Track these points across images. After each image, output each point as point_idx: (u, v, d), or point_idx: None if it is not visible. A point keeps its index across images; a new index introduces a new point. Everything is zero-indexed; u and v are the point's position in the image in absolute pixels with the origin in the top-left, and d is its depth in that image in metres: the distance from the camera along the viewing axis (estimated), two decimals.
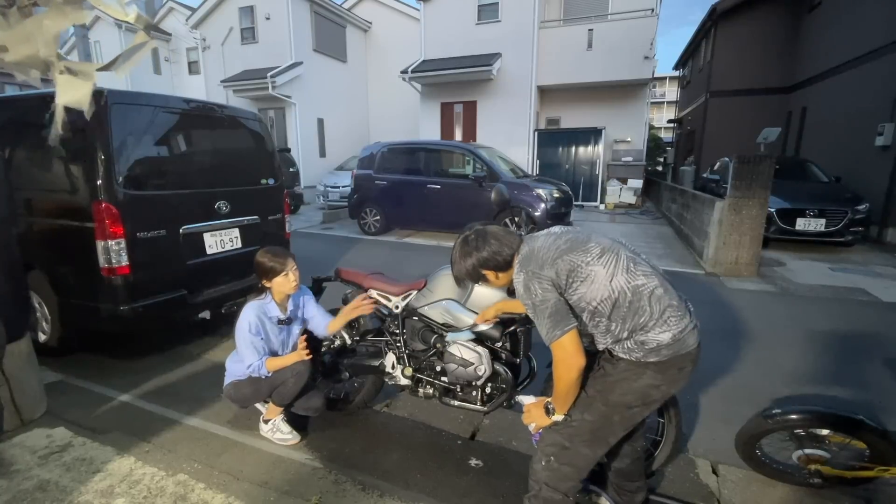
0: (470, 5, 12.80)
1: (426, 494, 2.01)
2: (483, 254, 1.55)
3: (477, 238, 1.58)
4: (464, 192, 7.63)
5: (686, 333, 1.41)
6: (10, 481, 2.00)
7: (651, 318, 1.38)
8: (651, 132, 19.62)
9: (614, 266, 1.41)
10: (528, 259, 1.47)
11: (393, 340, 2.46)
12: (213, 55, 15.26)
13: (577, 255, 1.43)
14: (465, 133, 13.63)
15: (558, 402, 1.51)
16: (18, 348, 2.43)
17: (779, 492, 2.04)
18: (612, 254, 1.43)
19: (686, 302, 1.50)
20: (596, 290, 1.40)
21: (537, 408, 1.59)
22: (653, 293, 1.40)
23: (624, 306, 1.39)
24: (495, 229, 1.60)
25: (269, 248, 2.26)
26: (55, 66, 1.66)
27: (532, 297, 1.42)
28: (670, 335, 1.38)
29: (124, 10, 1.68)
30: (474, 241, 1.58)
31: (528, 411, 1.62)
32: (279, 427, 2.36)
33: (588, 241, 1.47)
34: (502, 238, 1.56)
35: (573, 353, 1.39)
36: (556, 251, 1.44)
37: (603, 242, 1.47)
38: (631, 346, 1.41)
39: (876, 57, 8.51)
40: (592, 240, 1.48)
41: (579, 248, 1.44)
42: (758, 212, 5.43)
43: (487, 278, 1.61)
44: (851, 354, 3.50)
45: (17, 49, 1.62)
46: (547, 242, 1.48)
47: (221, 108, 3.67)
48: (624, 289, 1.39)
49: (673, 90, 34.99)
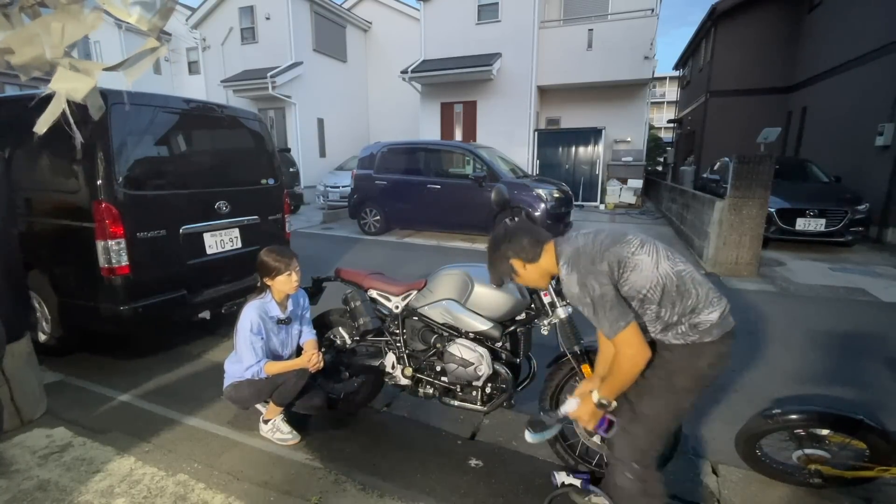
0: (470, 5, 12.80)
1: (426, 494, 2.01)
2: (512, 244, 1.61)
3: (505, 232, 1.65)
4: (464, 192, 7.63)
5: (727, 311, 1.48)
6: (10, 481, 2.00)
7: (699, 301, 1.44)
8: (651, 132, 19.64)
9: (656, 254, 1.47)
10: (577, 257, 1.49)
11: (393, 340, 2.46)
12: (213, 55, 15.26)
13: (620, 247, 1.47)
14: (465, 133, 13.63)
15: (613, 393, 1.52)
16: (18, 348, 2.43)
17: (779, 492, 2.04)
18: (651, 244, 1.50)
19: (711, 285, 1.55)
20: (645, 277, 1.44)
21: (586, 406, 1.59)
22: (693, 277, 1.47)
23: (672, 291, 1.43)
24: (528, 226, 1.68)
25: (274, 246, 2.27)
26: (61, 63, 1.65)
27: (591, 292, 1.43)
28: (718, 314, 1.44)
29: (127, 11, 1.67)
30: (504, 233, 1.65)
31: (579, 416, 1.62)
32: (279, 427, 2.36)
33: (626, 234, 1.53)
34: (532, 234, 1.62)
35: (639, 345, 1.42)
36: (602, 246, 1.48)
37: (639, 235, 1.53)
38: (685, 329, 1.44)
39: (876, 57, 8.51)
40: (629, 233, 1.54)
41: (620, 240, 1.49)
42: (758, 212, 5.43)
43: (517, 271, 1.64)
44: (851, 354, 3.50)
45: (23, 51, 1.61)
46: (588, 240, 1.52)
47: (221, 108, 3.67)
48: (669, 274, 1.44)
49: (673, 90, 34.98)
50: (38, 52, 1.62)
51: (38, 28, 1.62)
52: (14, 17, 1.67)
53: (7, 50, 1.61)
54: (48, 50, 1.62)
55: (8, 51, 1.61)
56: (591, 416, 1.58)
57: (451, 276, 2.30)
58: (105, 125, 2.72)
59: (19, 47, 1.60)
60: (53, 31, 1.60)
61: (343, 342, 2.57)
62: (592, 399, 1.56)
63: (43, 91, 1.72)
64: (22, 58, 1.62)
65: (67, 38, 1.62)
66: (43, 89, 2.70)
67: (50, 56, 1.63)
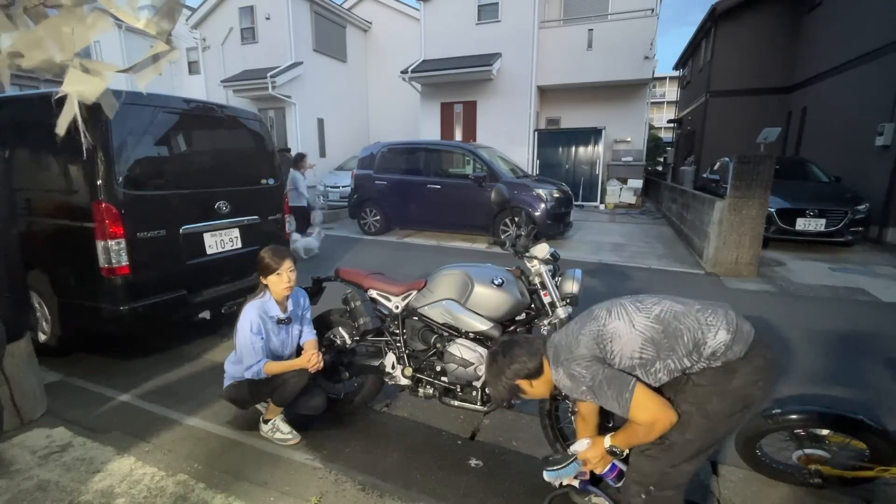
0: (470, 5, 12.79)
1: (426, 494, 2.01)
2: (514, 366, 1.57)
3: (504, 353, 1.60)
4: (464, 192, 7.63)
5: (735, 322, 1.39)
6: (10, 481, 2.00)
7: (696, 330, 1.37)
8: (651, 132, 19.64)
9: (626, 314, 1.45)
10: (557, 353, 1.50)
11: (393, 340, 2.46)
12: (213, 55, 15.25)
13: (591, 325, 1.48)
14: (465, 133, 13.63)
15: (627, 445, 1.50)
16: (18, 348, 2.43)
17: (779, 492, 2.04)
18: (618, 306, 1.48)
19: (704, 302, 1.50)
20: (628, 341, 1.41)
21: (596, 450, 1.57)
22: (674, 312, 1.41)
23: (662, 340, 1.38)
24: (519, 339, 1.65)
25: (274, 246, 2.29)
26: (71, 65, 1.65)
27: (582, 380, 1.41)
28: (724, 331, 1.36)
29: (136, 15, 1.66)
30: (502, 359, 1.60)
31: (587, 459, 1.59)
32: (279, 427, 2.36)
33: (592, 311, 1.54)
34: (527, 347, 1.59)
35: (655, 409, 1.36)
36: (574, 333, 1.49)
37: (604, 305, 1.54)
38: (704, 364, 1.38)
39: (876, 57, 8.51)
40: (594, 309, 1.55)
41: (589, 319, 1.50)
42: (758, 212, 5.43)
43: (524, 389, 1.60)
44: (851, 354, 3.50)
45: (32, 55, 1.61)
46: (562, 334, 1.56)
47: (221, 108, 3.67)
48: (648, 324, 1.40)
49: (673, 90, 34.98)
50: (47, 56, 1.62)
51: (45, 31, 1.61)
52: (17, 18, 1.67)
53: (16, 53, 1.61)
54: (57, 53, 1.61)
55: (17, 54, 1.61)
56: (600, 461, 1.56)
57: (451, 276, 2.30)
58: (105, 125, 2.72)
59: (27, 51, 1.60)
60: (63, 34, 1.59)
61: (343, 342, 2.58)
62: (604, 443, 1.53)
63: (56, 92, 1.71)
64: (31, 61, 1.62)
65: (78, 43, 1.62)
66: (43, 90, 2.71)
67: (59, 59, 1.62)
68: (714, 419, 1.38)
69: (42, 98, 3.01)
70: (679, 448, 1.43)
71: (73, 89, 1.62)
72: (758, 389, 1.38)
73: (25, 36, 1.61)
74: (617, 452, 1.52)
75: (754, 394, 1.38)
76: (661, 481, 1.47)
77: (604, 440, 1.54)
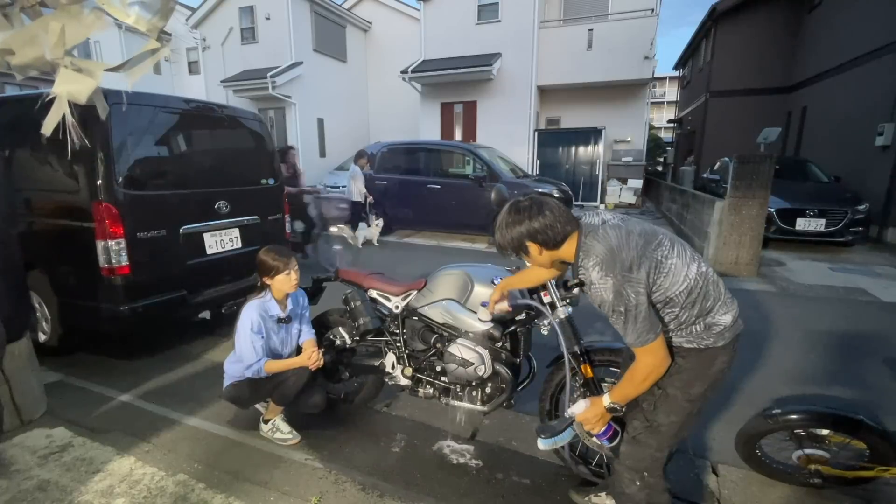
0: (470, 5, 12.79)
1: (426, 494, 2.01)
2: (535, 224, 1.39)
3: (532, 205, 1.42)
4: (464, 192, 7.63)
5: (738, 313, 1.45)
6: (10, 481, 2.00)
7: (716, 301, 1.40)
8: (651, 132, 19.64)
9: (686, 256, 1.40)
10: (612, 261, 1.32)
11: (393, 340, 2.46)
12: (213, 55, 15.24)
13: (654, 250, 1.37)
14: (465, 133, 13.63)
15: (625, 399, 1.46)
16: (18, 348, 2.43)
17: (779, 492, 2.04)
18: (680, 246, 1.42)
19: None
20: (675, 281, 1.37)
21: (595, 409, 1.50)
22: (713, 278, 1.43)
23: (696, 293, 1.38)
24: (553, 201, 1.45)
25: (273, 246, 2.28)
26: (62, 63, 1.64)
27: (626, 301, 1.31)
28: (731, 316, 1.42)
29: (126, 11, 1.67)
30: (528, 209, 1.41)
31: (586, 419, 1.52)
32: (279, 427, 2.36)
33: (656, 233, 1.42)
34: (559, 212, 1.41)
35: (664, 357, 1.38)
36: (637, 249, 1.34)
37: (666, 233, 1.46)
38: (699, 330, 1.41)
39: (876, 57, 8.51)
40: (659, 232, 1.44)
41: (653, 241, 1.38)
42: (758, 212, 5.43)
43: (529, 252, 1.45)
44: (851, 354, 3.50)
45: (24, 52, 1.61)
46: (621, 239, 1.36)
47: (221, 108, 3.67)
48: (696, 276, 1.38)
49: (673, 90, 34.97)
50: (39, 53, 1.62)
51: (38, 29, 1.61)
52: (14, 18, 1.67)
53: (7, 51, 1.61)
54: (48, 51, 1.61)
55: (8, 51, 1.61)
56: (598, 420, 1.50)
57: (450, 276, 2.30)
58: (105, 125, 2.72)
59: (20, 48, 1.60)
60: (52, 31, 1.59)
61: (343, 342, 2.58)
62: (603, 402, 1.48)
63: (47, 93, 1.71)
64: (22, 59, 1.61)
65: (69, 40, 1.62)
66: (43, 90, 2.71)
67: (50, 57, 1.62)
68: (693, 401, 1.45)
69: (48, 101, 3.01)
70: (665, 430, 1.48)
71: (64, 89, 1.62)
72: (724, 375, 1.47)
73: (18, 33, 1.61)
74: (617, 409, 1.47)
75: (721, 379, 1.47)
76: (651, 466, 1.50)
77: (602, 399, 1.49)
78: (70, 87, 1.64)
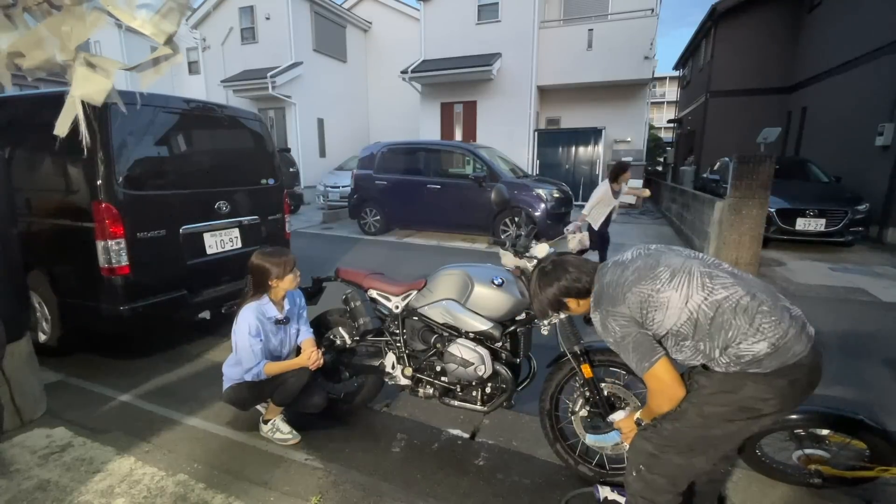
0: (470, 5, 12.80)
1: (426, 494, 2.01)
2: (563, 282, 1.56)
3: (555, 267, 1.59)
4: (464, 192, 7.63)
5: (789, 339, 1.29)
6: (10, 481, 2.00)
7: (740, 331, 1.30)
8: (651, 132, 19.65)
9: (687, 286, 1.36)
10: (600, 297, 1.48)
11: (393, 340, 2.45)
12: (213, 55, 15.26)
13: (645, 284, 1.39)
14: (465, 133, 13.63)
15: (649, 416, 1.55)
16: (18, 348, 2.43)
17: (779, 492, 2.04)
18: (684, 274, 1.38)
19: (786, 305, 1.37)
20: (672, 314, 1.36)
21: (629, 422, 1.63)
22: (738, 304, 1.32)
23: (706, 325, 1.33)
24: (570, 258, 1.63)
25: (266, 249, 2.25)
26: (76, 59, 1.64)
27: (612, 334, 1.43)
28: (766, 344, 1.28)
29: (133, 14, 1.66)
30: (552, 271, 1.59)
31: (622, 427, 1.66)
32: (279, 427, 2.36)
33: (657, 265, 1.43)
34: (579, 265, 1.58)
35: (670, 383, 1.40)
36: (625, 285, 1.42)
37: (673, 263, 1.42)
38: (726, 361, 1.33)
39: (876, 57, 8.51)
40: (661, 263, 1.43)
41: (647, 276, 1.41)
42: (758, 212, 5.43)
43: (568, 307, 1.60)
44: (851, 354, 3.50)
45: (33, 54, 1.60)
46: (615, 276, 1.47)
47: (221, 108, 3.67)
48: (702, 307, 1.33)
49: (673, 90, 34.98)
50: (48, 55, 1.62)
51: (46, 31, 1.61)
52: (17, 19, 1.66)
53: (17, 53, 1.61)
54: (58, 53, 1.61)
55: (18, 54, 1.61)
56: (630, 431, 1.61)
57: (451, 276, 2.30)
58: (105, 125, 2.72)
59: (29, 51, 1.60)
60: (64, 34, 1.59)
61: (343, 342, 2.58)
62: (634, 416, 1.61)
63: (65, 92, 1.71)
64: (32, 61, 1.61)
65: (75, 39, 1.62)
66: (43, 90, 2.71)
67: (61, 59, 1.62)
68: (709, 420, 1.37)
69: (42, 98, 3.01)
70: (668, 434, 1.45)
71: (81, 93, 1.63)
72: (767, 406, 1.32)
73: (27, 36, 1.61)
74: (641, 423, 1.58)
75: (761, 409, 1.33)
76: (649, 463, 1.50)
77: (635, 414, 1.62)
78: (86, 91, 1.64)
